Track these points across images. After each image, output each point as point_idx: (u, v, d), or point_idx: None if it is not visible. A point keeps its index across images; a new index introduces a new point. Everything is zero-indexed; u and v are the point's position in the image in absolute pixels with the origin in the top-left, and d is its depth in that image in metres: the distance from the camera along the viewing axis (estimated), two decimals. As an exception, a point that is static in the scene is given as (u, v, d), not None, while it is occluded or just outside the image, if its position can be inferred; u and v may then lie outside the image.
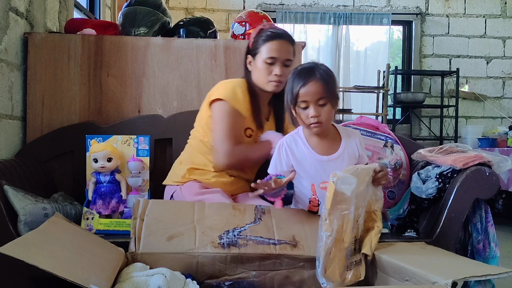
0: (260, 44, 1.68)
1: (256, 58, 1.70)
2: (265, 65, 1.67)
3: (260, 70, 1.68)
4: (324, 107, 1.41)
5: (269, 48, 1.66)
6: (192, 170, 1.73)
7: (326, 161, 1.48)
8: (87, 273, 1.04)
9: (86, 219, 1.61)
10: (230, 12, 4.80)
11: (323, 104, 1.40)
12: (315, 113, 1.39)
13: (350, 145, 1.52)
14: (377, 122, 2.09)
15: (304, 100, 1.40)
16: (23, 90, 2.04)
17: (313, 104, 1.40)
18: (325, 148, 1.50)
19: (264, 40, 1.67)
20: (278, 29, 1.73)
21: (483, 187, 1.62)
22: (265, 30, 1.70)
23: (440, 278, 1.05)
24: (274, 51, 1.66)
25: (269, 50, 1.66)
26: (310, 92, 1.39)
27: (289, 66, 1.68)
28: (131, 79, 2.11)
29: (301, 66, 1.47)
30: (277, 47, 1.66)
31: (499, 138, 4.22)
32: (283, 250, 1.34)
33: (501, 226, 3.55)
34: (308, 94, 1.39)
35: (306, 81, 1.40)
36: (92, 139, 1.75)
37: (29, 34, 2.02)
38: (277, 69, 1.66)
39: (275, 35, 1.68)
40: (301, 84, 1.40)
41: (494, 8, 4.99)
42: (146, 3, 2.21)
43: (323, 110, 1.41)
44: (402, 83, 5.13)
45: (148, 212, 1.39)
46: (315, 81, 1.40)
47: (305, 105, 1.41)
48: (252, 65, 1.72)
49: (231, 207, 1.48)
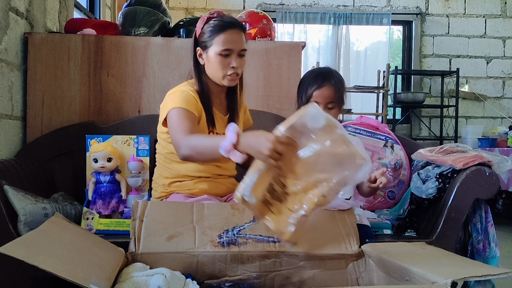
0: (212, 35, 1.55)
1: (209, 51, 1.56)
2: (220, 58, 1.54)
3: (215, 64, 1.56)
4: (332, 110, 1.52)
5: (223, 39, 1.53)
6: (170, 184, 1.64)
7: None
8: (87, 273, 1.04)
9: (86, 219, 1.61)
10: (230, 12, 4.79)
11: (331, 107, 1.52)
12: None
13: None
14: (377, 122, 2.10)
15: (316, 102, 1.48)
16: (23, 90, 2.04)
17: (322, 106, 1.50)
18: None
19: (215, 30, 1.55)
20: (227, 17, 1.60)
21: (483, 187, 1.62)
22: (214, 19, 1.57)
23: (439, 278, 1.05)
24: (229, 42, 1.54)
25: (223, 42, 1.53)
26: (323, 95, 1.51)
27: (244, 56, 1.59)
28: (131, 79, 2.11)
29: (318, 69, 1.58)
30: (231, 38, 1.54)
31: (499, 138, 4.22)
32: (283, 247, 1.35)
33: (501, 226, 3.55)
34: (320, 96, 1.51)
35: (321, 84, 1.51)
36: (92, 139, 1.76)
37: (29, 34, 2.03)
38: (233, 61, 1.55)
39: (227, 24, 1.55)
40: (316, 86, 1.51)
41: (494, 8, 4.99)
42: (146, 3, 2.21)
43: (330, 112, 1.49)
44: (402, 83, 5.13)
45: (147, 213, 1.39)
46: (329, 86, 1.51)
47: None
48: (204, 58, 1.59)
49: (230, 206, 1.48)
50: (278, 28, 4.80)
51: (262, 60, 2.16)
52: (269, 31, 2.31)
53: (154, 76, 2.11)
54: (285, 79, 2.17)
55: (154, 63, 2.12)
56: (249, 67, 2.15)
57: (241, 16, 2.35)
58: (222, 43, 1.54)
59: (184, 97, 1.54)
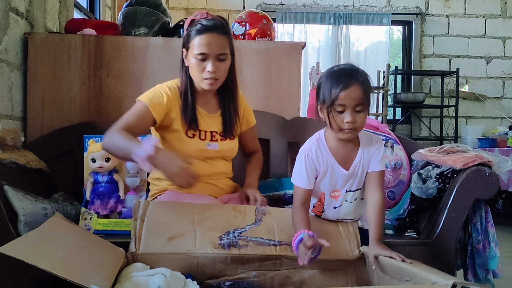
0: (191, 38, 1.55)
1: (189, 53, 1.58)
2: (196, 61, 1.55)
3: (193, 66, 1.57)
4: (361, 113, 1.33)
5: (199, 43, 1.53)
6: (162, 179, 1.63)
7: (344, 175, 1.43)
8: (87, 273, 1.04)
9: (84, 219, 1.61)
10: (230, 12, 4.80)
11: (360, 110, 1.32)
12: (351, 119, 1.31)
13: (367, 153, 1.43)
14: (377, 122, 2.10)
15: (342, 104, 1.31)
16: (23, 90, 2.04)
17: (350, 109, 1.31)
18: (344, 154, 1.43)
19: (194, 33, 1.54)
20: (210, 19, 1.57)
21: (483, 187, 1.62)
22: (196, 21, 1.57)
23: (440, 278, 1.05)
24: (204, 46, 1.52)
25: (199, 45, 1.53)
26: (351, 97, 1.30)
27: (225, 60, 1.57)
28: (131, 79, 2.11)
29: (339, 67, 1.37)
30: (207, 41, 1.52)
31: (499, 138, 4.22)
32: (284, 251, 1.34)
33: (501, 226, 3.55)
34: (348, 98, 1.30)
35: (347, 84, 1.30)
36: (90, 139, 1.75)
37: (29, 34, 2.02)
38: (209, 66, 1.53)
39: (205, 28, 1.53)
40: (341, 86, 1.30)
41: (494, 8, 4.99)
42: (146, 3, 2.21)
43: (359, 116, 1.32)
44: (402, 83, 5.13)
45: (149, 213, 1.39)
46: (357, 85, 1.31)
47: (342, 109, 1.31)
48: (187, 59, 1.61)
49: (232, 208, 1.48)
50: (278, 28, 4.80)
51: (262, 60, 2.16)
52: (269, 31, 2.31)
53: (154, 76, 2.11)
54: (285, 79, 2.17)
55: (154, 63, 2.12)
56: (249, 67, 2.15)
57: (241, 16, 2.35)
58: (197, 47, 1.53)
59: (155, 93, 1.58)
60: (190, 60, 1.57)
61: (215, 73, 1.55)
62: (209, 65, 1.54)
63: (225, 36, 1.57)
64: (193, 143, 1.60)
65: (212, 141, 1.64)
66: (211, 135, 1.65)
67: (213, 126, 1.66)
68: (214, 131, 1.66)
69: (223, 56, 1.56)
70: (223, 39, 1.56)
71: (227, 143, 1.68)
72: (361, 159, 1.43)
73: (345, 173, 1.42)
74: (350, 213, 1.49)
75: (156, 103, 1.56)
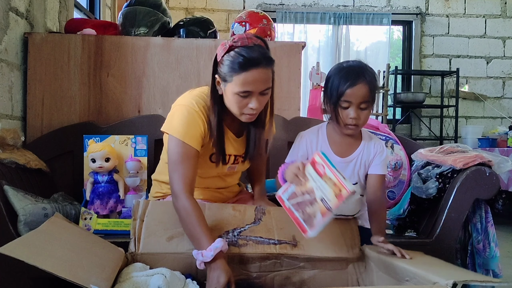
0: (231, 72, 1.34)
1: (227, 86, 1.37)
2: (238, 97, 1.36)
3: (232, 102, 1.38)
4: (365, 110, 1.38)
5: (243, 80, 1.33)
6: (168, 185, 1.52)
7: (339, 162, 1.43)
8: (87, 273, 1.04)
9: (84, 219, 1.61)
10: (230, 12, 4.80)
11: (364, 108, 1.38)
12: (355, 115, 1.36)
13: (368, 149, 1.46)
14: (377, 122, 2.10)
15: (347, 100, 1.36)
16: (23, 90, 2.04)
17: (355, 106, 1.36)
18: (344, 147, 1.46)
19: (236, 68, 1.33)
20: (251, 46, 1.34)
21: (483, 187, 1.62)
22: (237, 51, 1.34)
23: (441, 278, 1.05)
24: (250, 85, 1.33)
25: (243, 83, 1.33)
26: (356, 94, 1.35)
27: (267, 94, 1.40)
28: (131, 79, 2.11)
29: (348, 64, 1.41)
30: (253, 79, 1.33)
31: (499, 138, 4.22)
32: (283, 249, 1.34)
33: (501, 226, 3.55)
34: (353, 95, 1.35)
35: (354, 82, 1.35)
36: (89, 139, 1.76)
37: (29, 34, 2.02)
38: (253, 103, 1.36)
39: (250, 63, 1.32)
40: (348, 84, 1.35)
41: (494, 8, 4.99)
42: (146, 3, 2.21)
43: (363, 113, 1.38)
44: (402, 83, 5.13)
45: (148, 213, 1.39)
46: (364, 84, 1.36)
47: (347, 105, 1.37)
48: (223, 89, 1.40)
49: (231, 208, 1.48)
50: (278, 28, 4.80)
51: (262, 60, 2.16)
52: (269, 31, 2.31)
53: (154, 76, 2.11)
54: (285, 79, 2.17)
55: (154, 63, 2.12)
56: (249, 67, 2.14)
57: (241, 16, 2.35)
58: (242, 84, 1.33)
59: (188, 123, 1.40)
60: (229, 94, 1.38)
61: (258, 109, 1.40)
62: (252, 102, 1.36)
63: (270, 68, 1.37)
64: (214, 167, 1.51)
65: (233, 164, 1.56)
66: (235, 159, 1.55)
67: (238, 150, 1.55)
68: (238, 155, 1.55)
69: (267, 90, 1.39)
70: (268, 72, 1.37)
71: (246, 163, 1.61)
72: (361, 152, 1.45)
73: (339, 160, 1.44)
74: (349, 208, 1.49)
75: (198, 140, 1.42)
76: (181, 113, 1.43)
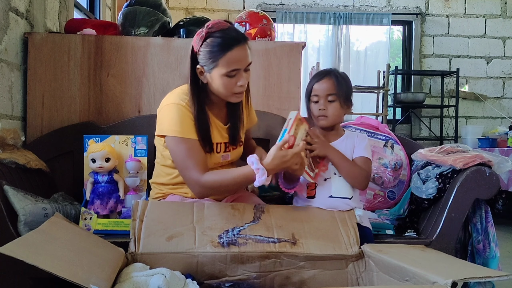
0: (215, 55, 1.39)
1: (213, 72, 1.41)
2: (226, 78, 1.41)
3: (220, 85, 1.43)
4: (333, 103, 1.57)
5: (228, 59, 1.38)
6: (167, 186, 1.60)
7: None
8: (87, 273, 1.04)
9: (84, 219, 1.61)
10: (230, 12, 4.80)
11: (332, 100, 1.57)
12: (322, 107, 1.57)
13: (351, 139, 1.62)
14: (377, 122, 2.10)
15: (316, 95, 1.58)
16: (23, 90, 2.04)
17: (323, 99, 1.57)
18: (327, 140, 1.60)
19: (220, 50, 1.38)
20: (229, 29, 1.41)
21: (483, 187, 1.62)
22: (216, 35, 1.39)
23: (440, 278, 1.05)
24: (236, 62, 1.40)
25: (229, 63, 1.39)
26: (322, 88, 1.57)
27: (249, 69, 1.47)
28: (131, 79, 2.11)
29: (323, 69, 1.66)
30: (238, 56, 1.39)
31: (499, 138, 4.22)
32: (283, 248, 1.35)
33: (501, 226, 3.55)
34: (320, 89, 1.57)
35: (321, 77, 1.58)
36: (89, 139, 1.76)
37: (29, 34, 2.03)
38: (241, 81, 1.43)
39: (232, 42, 1.38)
40: (315, 80, 1.59)
41: (494, 8, 4.99)
42: (146, 3, 2.21)
43: (330, 105, 1.57)
44: (402, 83, 5.13)
45: (148, 213, 1.39)
46: (328, 78, 1.57)
47: (316, 99, 1.58)
48: (207, 77, 1.44)
49: (230, 207, 1.48)
50: (278, 28, 4.80)
51: (262, 60, 2.16)
52: (269, 31, 2.31)
53: (154, 76, 2.11)
54: (285, 79, 2.17)
55: (154, 63, 2.12)
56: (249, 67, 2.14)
57: (241, 16, 2.35)
58: (228, 64, 1.39)
59: (181, 119, 1.44)
60: (216, 78, 1.42)
61: (245, 86, 1.45)
62: (240, 80, 1.43)
63: (247, 44, 1.44)
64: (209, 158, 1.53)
65: (225, 152, 1.59)
66: (226, 147, 1.59)
67: (226, 138, 1.59)
68: (226, 142, 1.59)
69: (249, 66, 1.46)
70: (247, 47, 1.43)
71: (237, 150, 1.64)
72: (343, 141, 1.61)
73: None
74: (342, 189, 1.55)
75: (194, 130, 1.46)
76: (170, 112, 1.47)
